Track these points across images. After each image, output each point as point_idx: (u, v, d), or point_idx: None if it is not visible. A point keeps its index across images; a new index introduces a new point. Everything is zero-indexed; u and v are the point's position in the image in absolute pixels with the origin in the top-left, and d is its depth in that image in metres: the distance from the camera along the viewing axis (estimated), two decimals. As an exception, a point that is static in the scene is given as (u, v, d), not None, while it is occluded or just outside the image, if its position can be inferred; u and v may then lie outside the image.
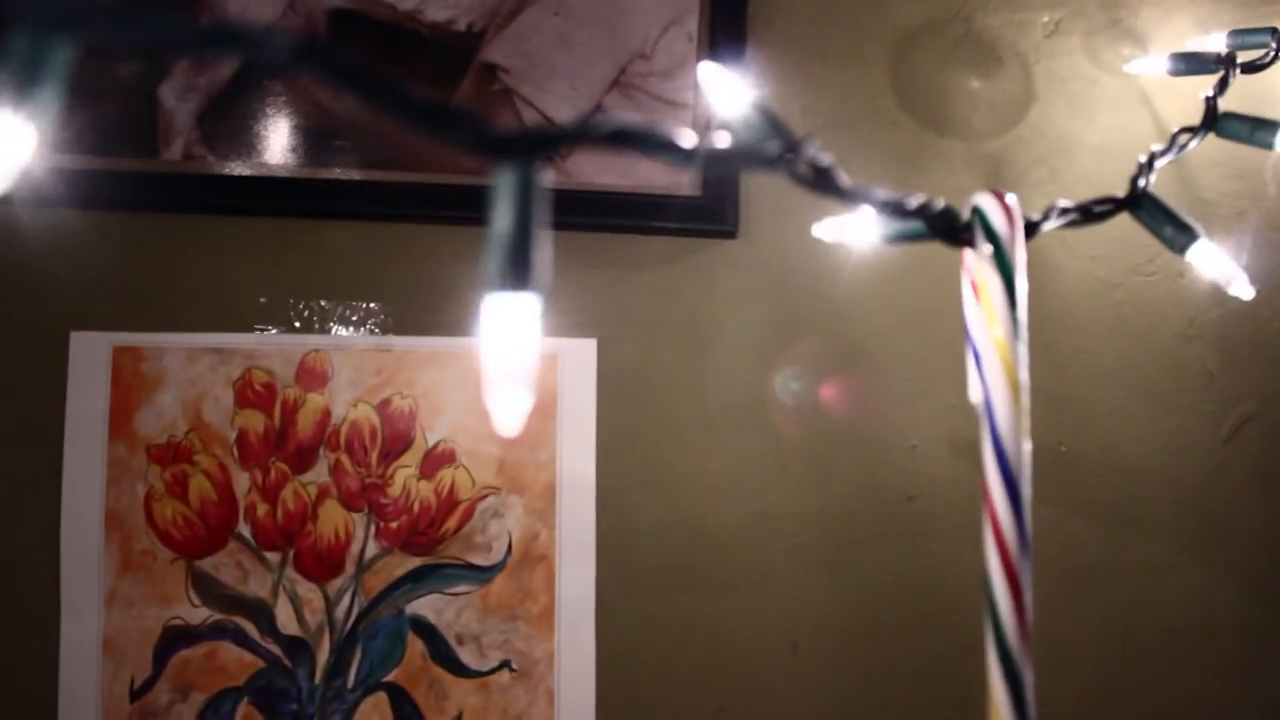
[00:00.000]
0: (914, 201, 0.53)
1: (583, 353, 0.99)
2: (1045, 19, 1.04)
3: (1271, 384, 1.03)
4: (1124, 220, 0.70)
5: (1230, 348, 1.03)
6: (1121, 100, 1.04)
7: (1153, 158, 0.67)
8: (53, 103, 0.32)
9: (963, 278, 0.60)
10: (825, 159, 0.46)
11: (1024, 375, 0.56)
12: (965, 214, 0.58)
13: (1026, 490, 0.57)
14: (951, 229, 0.57)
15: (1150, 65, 0.97)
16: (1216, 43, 0.97)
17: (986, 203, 0.58)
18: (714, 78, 0.52)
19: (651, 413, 0.99)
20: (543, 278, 0.36)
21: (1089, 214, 0.63)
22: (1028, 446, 0.56)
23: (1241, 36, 0.94)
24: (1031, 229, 0.59)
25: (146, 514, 0.97)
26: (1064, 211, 0.62)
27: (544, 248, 0.36)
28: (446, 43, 1.00)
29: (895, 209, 0.52)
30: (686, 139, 0.37)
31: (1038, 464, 0.60)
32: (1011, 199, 0.58)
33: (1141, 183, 0.65)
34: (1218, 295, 0.97)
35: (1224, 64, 0.81)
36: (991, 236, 0.56)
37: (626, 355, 0.99)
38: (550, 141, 0.36)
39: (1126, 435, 1.02)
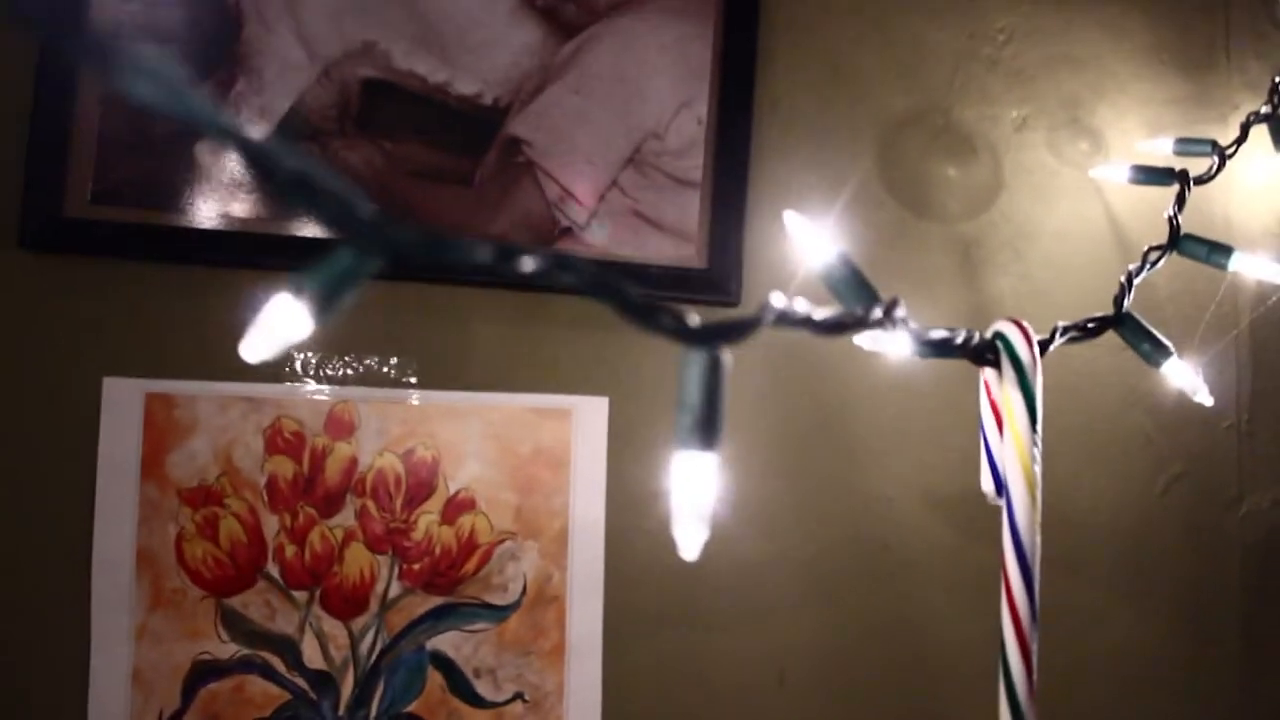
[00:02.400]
0: (960, 337, 0.63)
1: (596, 409, 1.07)
2: (1014, 114, 1.16)
3: (1199, 446, 1.17)
4: (1075, 305, 0.81)
5: (1164, 414, 1.17)
6: (1079, 191, 1.16)
7: (1130, 278, 0.78)
8: (343, 304, 0.39)
9: (981, 391, 0.71)
10: (906, 316, 0.55)
11: (1039, 476, 0.66)
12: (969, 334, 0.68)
13: (1037, 572, 0.67)
14: (979, 354, 0.67)
15: (1112, 173, 1.09)
16: (1164, 146, 1.10)
17: (1010, 331, 0.68)
18: (801, 230, 0.61)
19: (656, 465, 1.08)
20: (723, 439, 0.44)
21: (1086, 331, 0.74)
22: (1039, 537, 0.66)
23: (1186, 144, 1.07)
24: (1042, 347, 0.70)
25: (177, 554, 1.02)
26: (1065, 330, 0.73)
27: (725, 415, 0.44)
28: (473, 115, 1.07)
29: (945, 346, 0.62)
30: (857, 322, 0.46)
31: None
32: (1028, 329, 0.68)
33: (1125, 303, 0.76)
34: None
35: (1180, 180, 0.93)
36: (1015, 362, 0.66)
37: (635, 412, 1.08)
38: (738, 331, 0.44)
39: (1075, 491, 1.15)
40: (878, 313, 0.51)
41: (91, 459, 1.01)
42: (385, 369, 1.05)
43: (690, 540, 0.43)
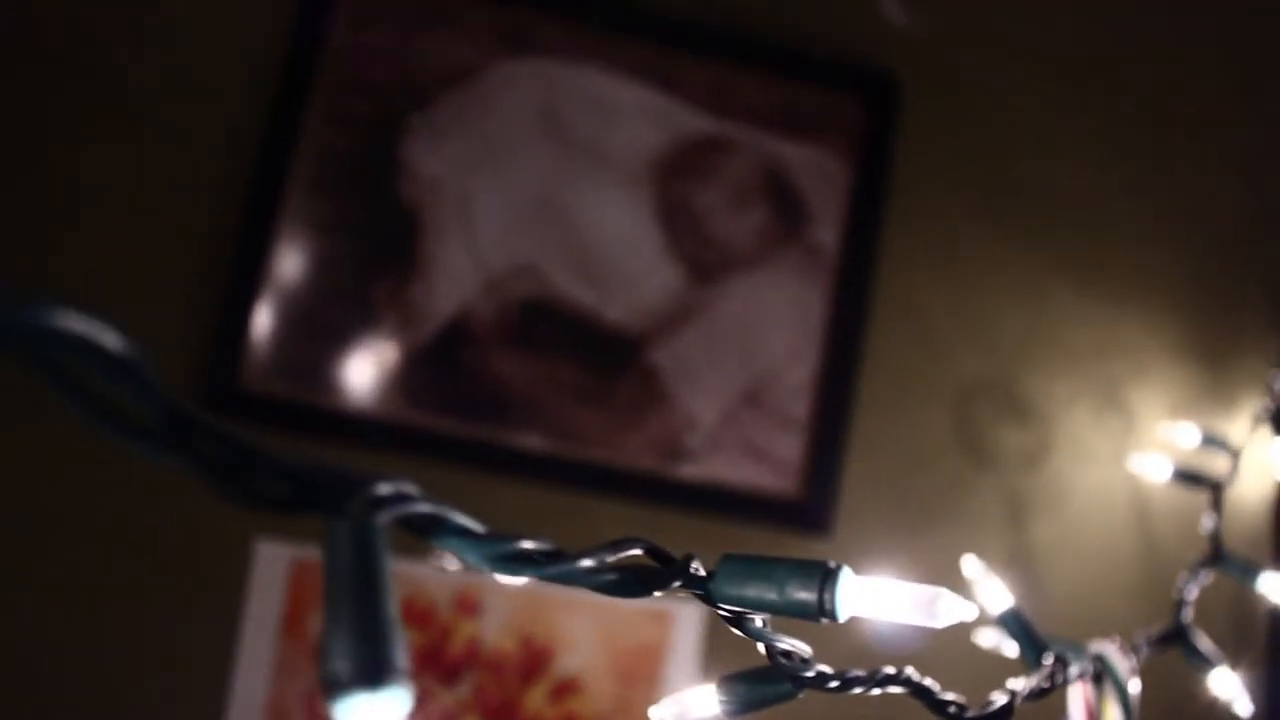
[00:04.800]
0: (1074, 670, 0.78)
1: (692, 614, 1.21)
2: (1065, 391, 1.35)
3: None
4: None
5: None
6: (1112, 457, 1.35)
7: (1182, 599, 0.96)
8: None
9: (1073, 697, 0.86)
10: (1079, 668, 0.71)
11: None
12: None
13: None
14: (1093, 677, 0.82)
15: (1151, 466, 1.28)
16: (1187, 431, 1.29)
17: (1110, 651, 0.84)
18: (979, 575, 0.76)
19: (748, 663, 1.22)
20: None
21: (1153, 645, 0.90)
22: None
23: (1210, 443, 1.26)
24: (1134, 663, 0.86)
25: (307, 707, 1.13)
26: (1142, 646, 0.89)
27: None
28: (617, 340, 1.22)
29: (1061, 669, 0.77)
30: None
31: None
32: (1124, 647, 0.84)
33: (1184, 618, 0.93)
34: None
35: (1215, 489, 1.11)
36: (1116, 681, 0.82)
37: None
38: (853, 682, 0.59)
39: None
40: (1047, 662, 0.66)
41: (237, 613, 1.12)
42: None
43: None
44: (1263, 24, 1.47)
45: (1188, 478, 1.17)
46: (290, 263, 1.15)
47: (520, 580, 0.33)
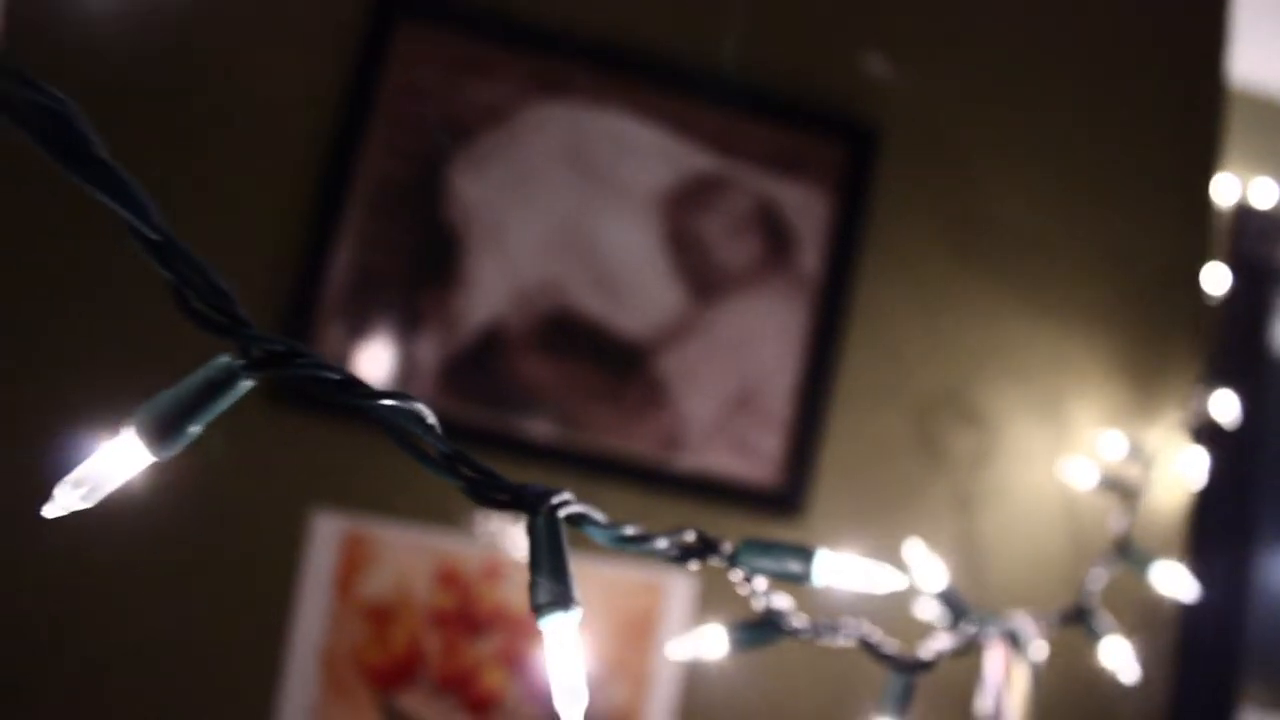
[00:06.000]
0: (996, 629, 0.99)
1: (680, 586, 1.41)
2: (1011, 401, 1.55)
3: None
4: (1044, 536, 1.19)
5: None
6: (1048, 461, 1.56)
7: (1085, 585, 1.17)
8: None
9: (991, 659, 1.07)
10: (995, 634, 0.91)
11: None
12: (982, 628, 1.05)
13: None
14: (1010, 639, 1.03)
15: (1076, 473, 1.49)
16: (1115, 439, 1.50)
17: (1023, 623, 1.05)
18: (918, 557, 0.96)
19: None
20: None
21: (1060, 620, 1.11)
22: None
23: (1133, 454, 1.48)
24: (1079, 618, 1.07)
25: (356, 656, 1.32)
26: (1050, 619, 1.10)
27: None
28: (627, 348, 1.41)
29: (980, 634, 0.98)
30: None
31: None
32: (1036, 622, 1.05)
33: (1086, 601, 1.14)
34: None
35: (1127, 496, 1.32)
36: (1025, 647, 1.03)
37: (720, 586, 1.42)
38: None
39: None
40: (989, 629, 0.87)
41: (297, 574, 1.31)
42: (533, 532, 1.38)
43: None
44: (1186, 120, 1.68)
45: (1108, 484, 1.39)
46: (348, 275, 1.34)
47: (628, 551, 0.52)
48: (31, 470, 0.70)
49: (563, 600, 0.44)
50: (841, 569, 0.55)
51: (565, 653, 0.46)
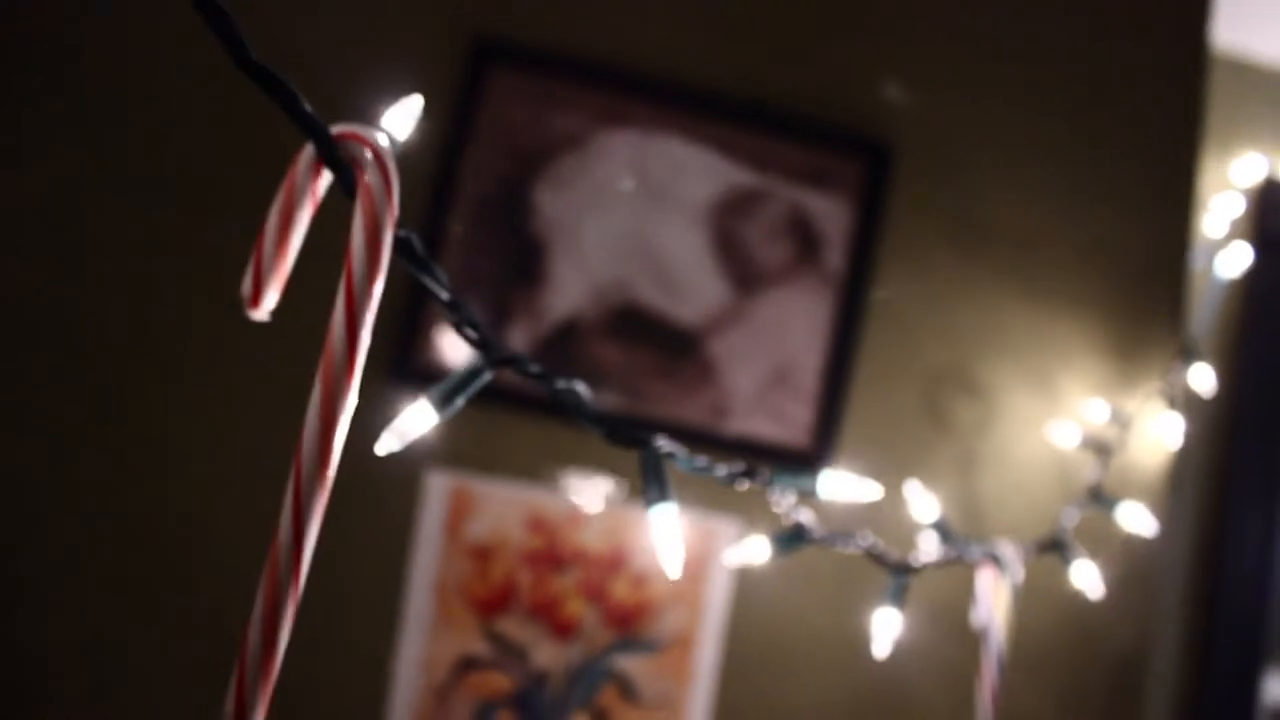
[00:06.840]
0: (983, 551, 1.27)
1: (729, 530, 1.70)
2: (1008, 376, 1.82)
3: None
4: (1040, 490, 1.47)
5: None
6: (1042, 427, 1.83)
7: (1060, 520, 1.44)
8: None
9: (982, 579, 1.35)
10: (982, 555, 1.19)
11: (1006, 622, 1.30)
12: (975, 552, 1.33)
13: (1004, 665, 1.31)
14: (996, 563, 1.31)
15: (1061, 433, 1.75)
16: (1099, 406, 1.77)
17: (1006, 549, 1.32)
18: (916, 494, 1.24)
19: (770, 569, 1.71)
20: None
21: (1039, 547, 1.39)
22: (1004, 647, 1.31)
23: (1114, 419, 1.74)
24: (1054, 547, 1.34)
25: (462, 589, 1.62)
26: (1030, 546, 1.38)
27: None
28: (683, 334, 1.70)
29: (966, 553, 1.26)
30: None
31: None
32: (1018, 550, 1.33)
33: (1060, 534, 1.41)
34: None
35: (1102, 452, 1.58)
36: (1008, 568, 1.31)
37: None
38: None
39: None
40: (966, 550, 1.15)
41: (412, 521, 1.61)
42: (609, 485, 1.67)
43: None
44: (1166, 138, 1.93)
45: (1089, 444, 1.66)
46: (451, 278, 1.63)
47: (700, 476, 0.80)
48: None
49: (664, 497, 0.73)
50: (838, 483, 0.83)
51: (667, 533, 0.75)
